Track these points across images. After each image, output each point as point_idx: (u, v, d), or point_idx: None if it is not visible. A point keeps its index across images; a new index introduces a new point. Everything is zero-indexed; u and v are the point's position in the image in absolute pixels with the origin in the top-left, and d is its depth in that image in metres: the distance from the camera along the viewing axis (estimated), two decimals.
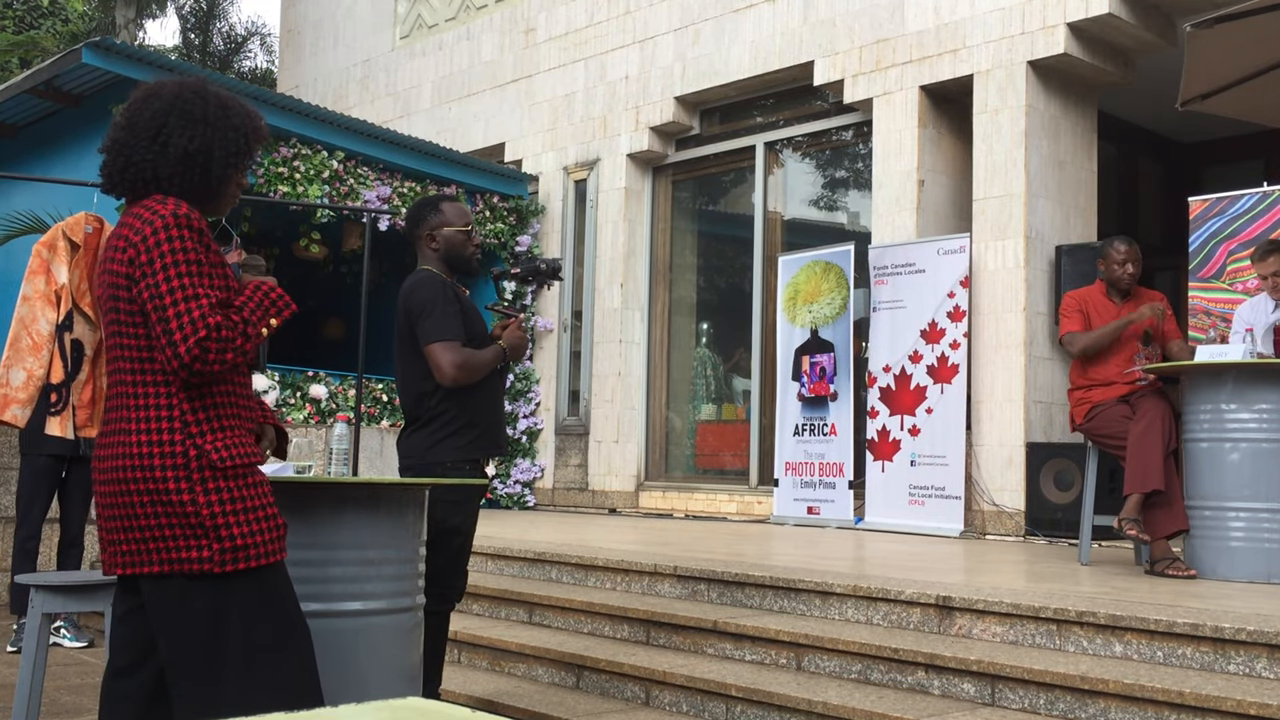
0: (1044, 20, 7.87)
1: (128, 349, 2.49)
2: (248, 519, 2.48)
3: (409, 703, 1.21)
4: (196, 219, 2.48)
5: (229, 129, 2.57)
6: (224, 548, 2.43)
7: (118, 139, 2.55)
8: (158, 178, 2.51)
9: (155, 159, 2.50)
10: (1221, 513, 5.15)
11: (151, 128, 2.51)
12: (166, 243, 2.42)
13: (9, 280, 8.71)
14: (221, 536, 2.43)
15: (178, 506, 2.41)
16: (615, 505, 10.21)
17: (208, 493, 2.43)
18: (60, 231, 5.41)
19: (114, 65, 8.03)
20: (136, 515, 2.43)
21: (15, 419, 5.10)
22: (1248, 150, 9.86)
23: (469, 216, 3.93)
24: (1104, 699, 3.54)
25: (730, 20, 9.77)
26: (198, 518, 2.42)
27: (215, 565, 2.43)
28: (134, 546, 2.45)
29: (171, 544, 2.42)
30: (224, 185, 2.60)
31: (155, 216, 2.45)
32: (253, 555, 2.47)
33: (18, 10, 21.29)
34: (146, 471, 2.42)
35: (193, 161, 2.52)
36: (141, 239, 2.43)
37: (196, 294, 2.41)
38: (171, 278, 2.41)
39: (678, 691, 4.19)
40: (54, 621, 5.75)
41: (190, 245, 2.44)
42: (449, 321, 3.67)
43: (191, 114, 2.53)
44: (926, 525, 7.85)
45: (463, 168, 10.39)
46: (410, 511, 3.27)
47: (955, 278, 7.96)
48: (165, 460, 2.42)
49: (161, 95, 2.55)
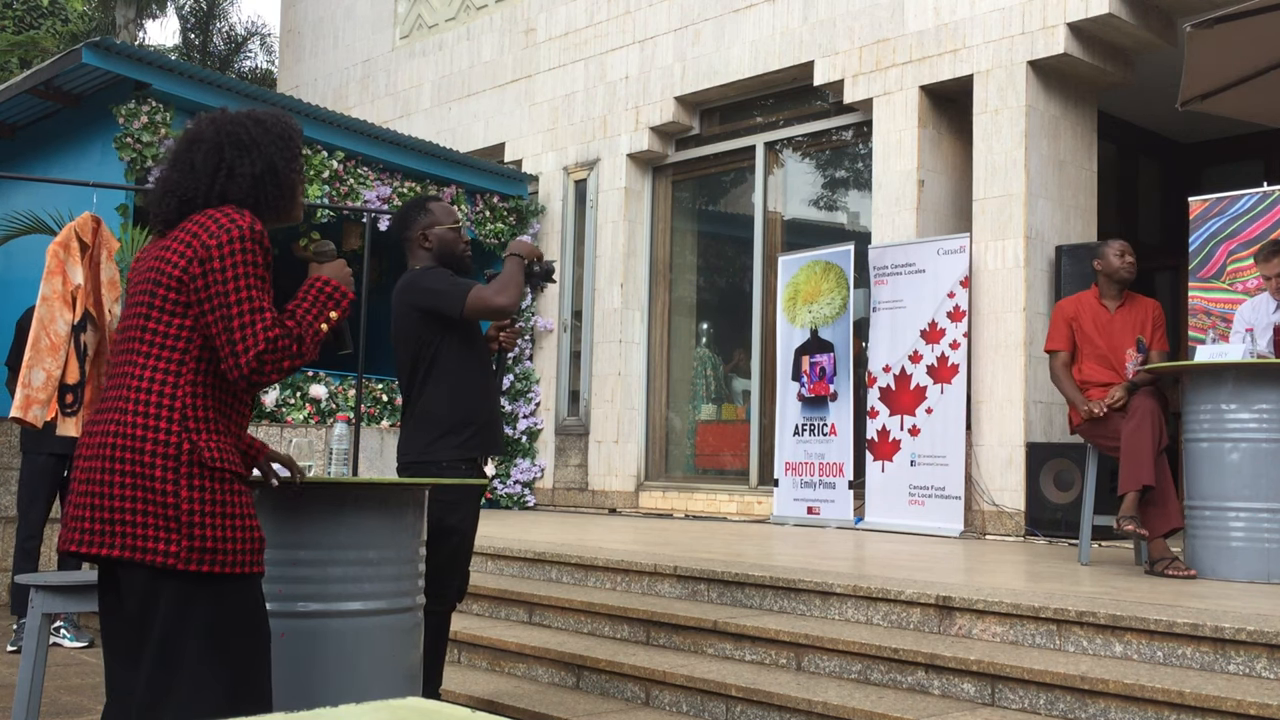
0: (1044, 20, 7.88)
1: (151, 335, 2.50)
2: (224, 524, 2.46)
3: (409, 703, 1.21)
4: (264, 235, 2.55)
5: (278, 139, 2.65)
6: (193, 545, 2.41)
7: (174, 180, 2.59)
8: (227, 201, 2.57)
9: (224, 188, 2.57)
10: (1221, 513, 5.15)
11: (210, 165, 2.58)
12: (241, 253, 2.48)
13: (9, 280, 8.71)
14: (194, 535, 2.41)
15: (158, 495, 2.40)
16: (615, 505, 10.21)
17: (191, 489, 2.42)
18: (73, 232, 5.44)
19: (114, 65, 8.03)
20: (113, 496, 2.42)
21: (36, 419, 5.13)
22: (1248, 150, 9.86)
23: (457, 214, 3.98)
24: (1104, 699, 3.54)
25: (730, 20, 9.77)
26: (175, 510, 2.40)
27: (180, 562, 2.40)
28: (101, 527, 2.43)
29: (141, 531, 2.40)
30: (296, 191, 2.71)
31: (234, 225, 2.50)
32: (221, 560, 2.44)
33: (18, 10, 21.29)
34: (136, 454, 2.41)
35: (263, 182, 2.61)
36: (218, 244, 2.48)
37: (261, 307, 2.48)
38: (241, 289, 2.47)
39: (678, 691, 4.19)
40: (54, 621, 5.75)
41: (260, 260, 2.52)
42: (465, 283, 3.75)
43: (242, 141, 2.61)
44: (926, 525, 7.85)
45: (463, 168, 10.39)
46: (410, 511, 3.27)
47: (955, 278, 7.96)
48: (157, 448, 2.42)
49: (204, 137, 2.62)
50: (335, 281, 2.69)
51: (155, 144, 8.21)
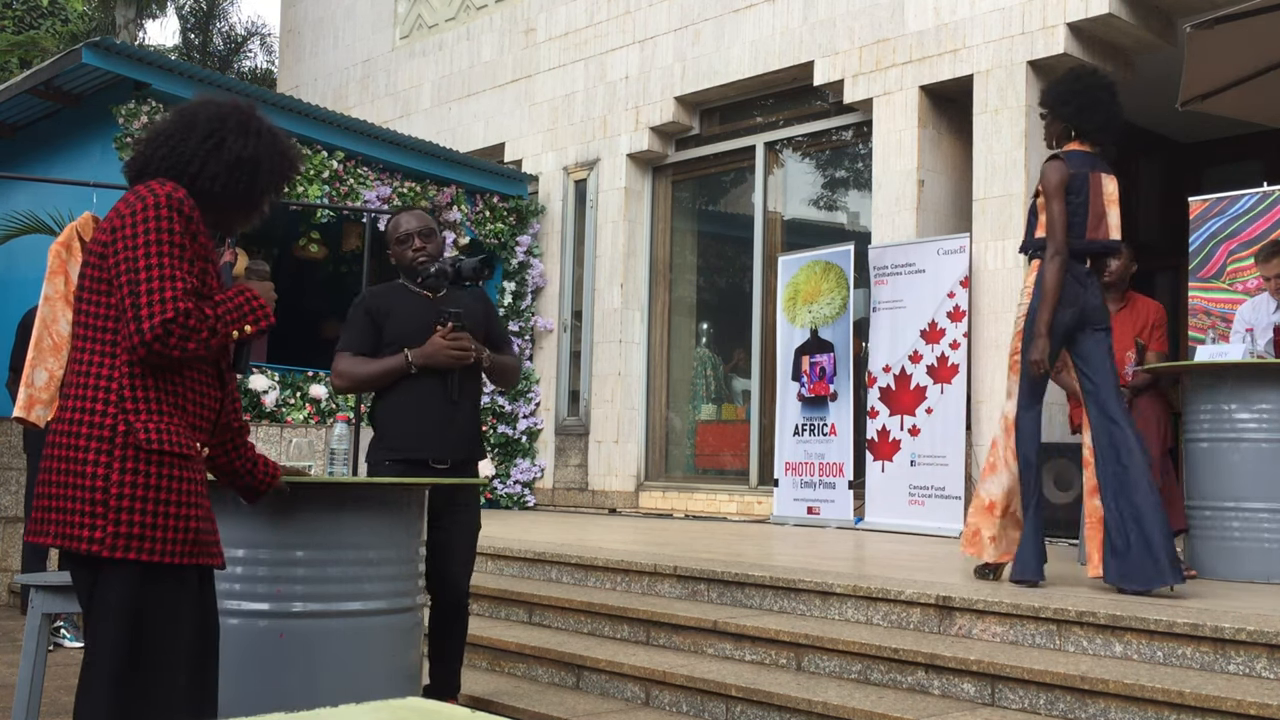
0: (1044, 20, 7.87)
1: (87, 316, 2.46)
2: (156, 510, 2.37)
3: (409, 703, 1.21)
4: (190, 207, 2.47)
5: (278, 150, 2.64)
6: (118, 532, 2.33)
7: (164, 131, 2.57)
8: (202, 174, 2.53)
9: (206, 156, 2.53)
10: (1221, 513, 5.15)
11: (207, 128, 2.55)
12: (154, 220, 2.41)
13: (9, 280, 8.71)
14: (120, 520, 2.33)
15: (88, 479, 2.34)
16: (615, 505, 10.21)
17: (123, 473, 2.35)
18: (74, 231, 5.44)
19: (114, 65, 8.03)
20: (50, 483, 2.39)
21: (38, 419, 5.13)
22: (1248, 150, 9.86)
23: (403, 223, 4.03)
24: (1104, 699, 3.54)
25: (730, 20, 9.77)
26: (104, 494, 2.33)
27: (105, 549, 2.33)
28: (40, 515, 2.41)
29: (68, 518, 2.35)
30: (260, 199, 2.65)
31: (150, 194, 2.45)
32: (149, 549, 2.35)
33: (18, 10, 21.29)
34: (71, 439, 2.38)
35: (241, 168, 2.56)
36: (131, 212, 2.42)
37: (173, 275, 2.38)
38: (151, 255, 2.38)
39: (678, 691, 4.19)
40: (54, 621, 5.75)
41: (177, 228, 2.42)
42: (347, 332, 3.96)
43: (247, 126, 2.59)
44: (926, 525, 7.85)
45: (463, 168, 10.39)
46: (410, 511, 3.28)
47: (955, 278, 7.96)
48: (91, 431, 2.36)
49: (219, 103, 2.61)
50: (262, 300, 2.58)
51: None
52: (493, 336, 4.05)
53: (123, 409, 2.38)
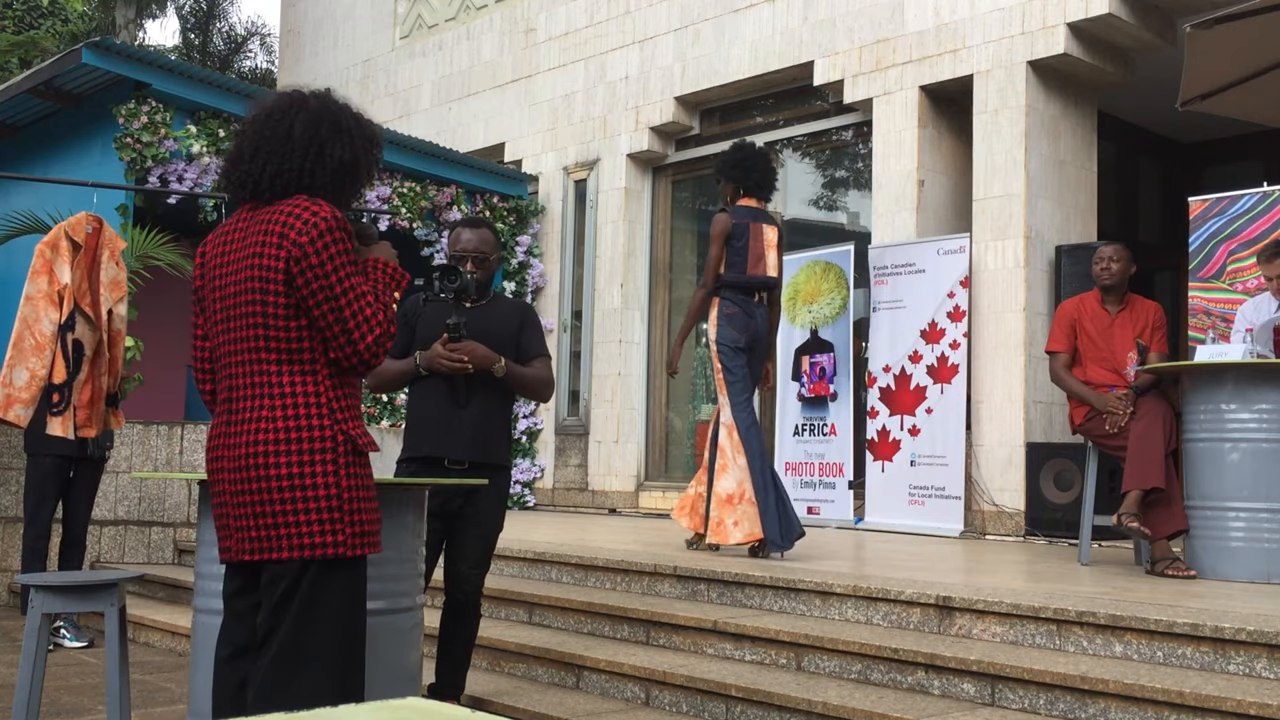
0: (1044, 20, 7.87)
1: (275, 340, 2.53)
2: (370, 505, 2.58)
3: (409, 703, 1.21)
4: (345, 221, 2.59)
5: (368, 140, 2.68)
6: (355, 532, 2.53)
7: (267, 147, 2.59)
8: (313, 185, 2.59)
9: (312, 168, 2.58)
10: (1221, 513, 5.15)
11: (306, 137, 2.58)
12: (335, 244, 2.52)
13: (9, 280, 8.71)
14: (354, 520, 2.52)
15: (320, 490, 2.48)
16: (615, 505, 10.21)
17: (349, 476, 2.52)
18: (63, 232, 5.41)
19: (114, 65, 8.03)
20: (271, 500, 2.48)
21: (18, 419, 5.09)
22: (1248, 150, 9.86)
23: (461, 242, 4.06)
24: (1104, 699, 3.54)
25: (730, 20, 9.77)
26: (338, 500, 2.50)
27: (347, 549, 2.51)
28: (265, 533, 2.49)
29: (305, 529, 2.48)
30: (358, 193, 2.73)
31: (318, 219, 2.52)
32: (373, 542, 2.58)
33: (18, 10, 21.29)
34: (293, 455, 2.48)
35: (344, 171, 2.63)
36: (309, 240, 2.50)
37: (363, 293, 2.55)
38: (344, 279, 2.52)
39: (678, 691, 4.19)
40: (54, 621, 5.75)
41: (349, 247, 2.56)
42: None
43: (340, 125, 2.63)
44: (926, 525, 7.85)
45: (463, 168, 10.39)
46: (410, 511, 3.28)
47: (955, 278, 7.96)
48: (315, 444, 2.49)
49: (308, 106, 2.62)
50: (393, 264, 2.74)
51: (155, 144, 8.21)
52: (524, 347, 4.06)
53: (335, 419, 2.54)
